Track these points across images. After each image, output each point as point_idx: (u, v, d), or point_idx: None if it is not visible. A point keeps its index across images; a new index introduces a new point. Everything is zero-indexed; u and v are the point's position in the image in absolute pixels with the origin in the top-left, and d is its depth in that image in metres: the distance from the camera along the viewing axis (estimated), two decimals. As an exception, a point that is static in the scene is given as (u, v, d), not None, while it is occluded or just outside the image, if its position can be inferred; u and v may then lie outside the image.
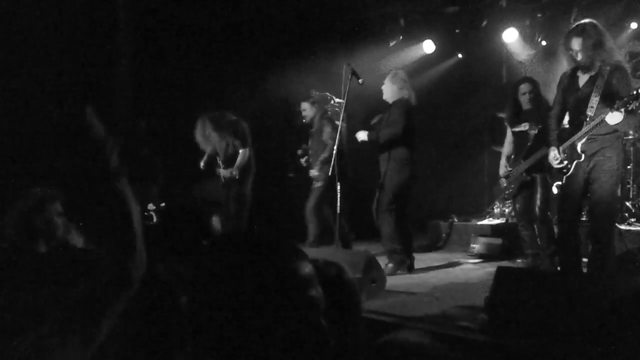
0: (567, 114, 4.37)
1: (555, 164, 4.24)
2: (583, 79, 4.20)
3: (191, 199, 7.15)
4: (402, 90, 5.58)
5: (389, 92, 5.62)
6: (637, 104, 3.87)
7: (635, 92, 3.87)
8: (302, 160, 6.50)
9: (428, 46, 8.70)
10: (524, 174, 5.31)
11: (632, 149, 6.33)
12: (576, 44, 4.08)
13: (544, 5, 7.61)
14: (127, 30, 7.68)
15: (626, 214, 5.87)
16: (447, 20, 8.38)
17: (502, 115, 6.59)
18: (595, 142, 4.07)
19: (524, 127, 5.33)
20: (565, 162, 4.20)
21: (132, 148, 7.40)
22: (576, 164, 4.13)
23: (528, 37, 8.10)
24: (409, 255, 5.48)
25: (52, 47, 6.77)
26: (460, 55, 8.93)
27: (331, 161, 5.38)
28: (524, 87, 5.48)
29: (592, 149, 4.08)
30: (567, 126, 4.36)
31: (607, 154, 4.05)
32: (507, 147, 5.72)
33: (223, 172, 6.40)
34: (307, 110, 6.39)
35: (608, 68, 4.05)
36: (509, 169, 5.51)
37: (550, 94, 5.44)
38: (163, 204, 6.95)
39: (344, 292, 1.69)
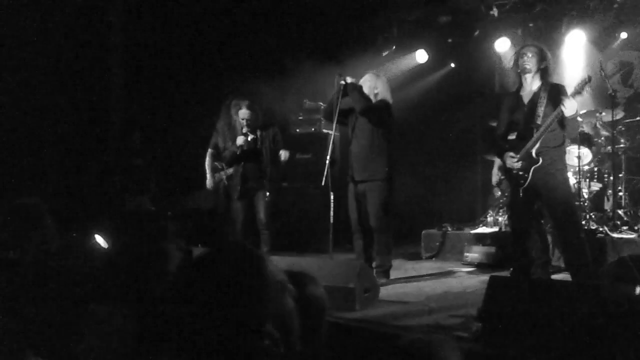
0: (514, 131, 4.64)
1: (513, 162, 4.44)
2: (526, 97, 4.53)
3: (180, 208, 7.14)
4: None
5: (385, 90, 5.36)
6: (588, 88, 4.23)
7: (587, 76, 4.20)
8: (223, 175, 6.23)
9: (421, 56, 8.74)
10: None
11: (623, 157, 6.36)
12: (529, 50, 4.51)
13: (535, 14, 7.67)
14: (120, 42, 7.70)
15: (618, 222, 5.89)
16: (439, 30, 8.43)
17: (494, 123, 6.62)
18: (546, 155, 4.36)
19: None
20: (522, 172, 4.34)
21: (126, 159, 7.42)
22: (533, 170, 4.35)
23: (520, 46, 8.14)
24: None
25: (46, 57, 6.79)
26: (452, 65, 8.97)
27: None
28: None
29: (544, 161, 4.34)
30: (514, 140, 4.61)
31: (558, 166, 4.41)
32: (500, 156, 5.73)
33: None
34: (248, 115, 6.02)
35: (549, 85, 4.44)
36: (502, 177, 5.53)
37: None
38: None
39: (310, 303, 1.70)
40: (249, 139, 6.04)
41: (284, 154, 6.10)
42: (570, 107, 4.15)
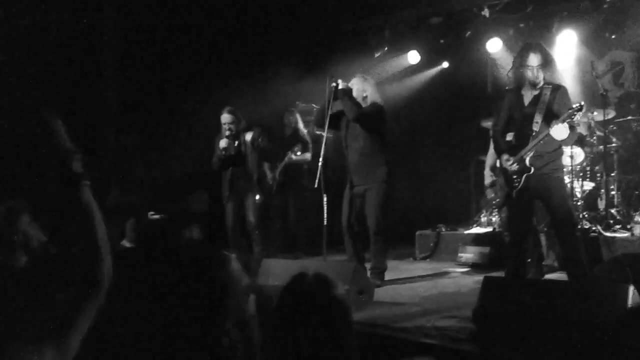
0: (512, 130, 4.62)
1: (508, 164, 4.46)
2: (527, 97, 4.50)
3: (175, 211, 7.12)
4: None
5: (374, 93, 5.36)
6: (579, 117, 4.20)
7: (578, 105, 4.16)
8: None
9: (413, 57, 8.74)
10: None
11: (615, 156, 6.38)
12: (535, 59, 4.39)
13: (526, 15, 7.68)
14: (113, 45, 7.66)
15: (611, 221, 5.90)
16: (431, 31, 8.44)
17: (487, 124, 6.62)
18: (542, 159, 4.39)
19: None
20: (516, 176, 4.40)
21: (119, 162, 7.38)
22: (526, 177, 4.39)
23: (512, 47, 8.17)
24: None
25: (36, 58, 6.73)
26: (444, 65, 8.98)
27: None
28: None
29: (539, 165, 4.38)
30: (512, 141, 4.61)
31: (554, 168, 4.44)
32: (491, 157, 5.74)
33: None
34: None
35: (550, 87, 4.38)
36: (494, 178, 5.54)
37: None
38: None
39: (333, 308, 1.68)
40: (235, 143, 6.11)
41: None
42: (558, 132, 4.15)
